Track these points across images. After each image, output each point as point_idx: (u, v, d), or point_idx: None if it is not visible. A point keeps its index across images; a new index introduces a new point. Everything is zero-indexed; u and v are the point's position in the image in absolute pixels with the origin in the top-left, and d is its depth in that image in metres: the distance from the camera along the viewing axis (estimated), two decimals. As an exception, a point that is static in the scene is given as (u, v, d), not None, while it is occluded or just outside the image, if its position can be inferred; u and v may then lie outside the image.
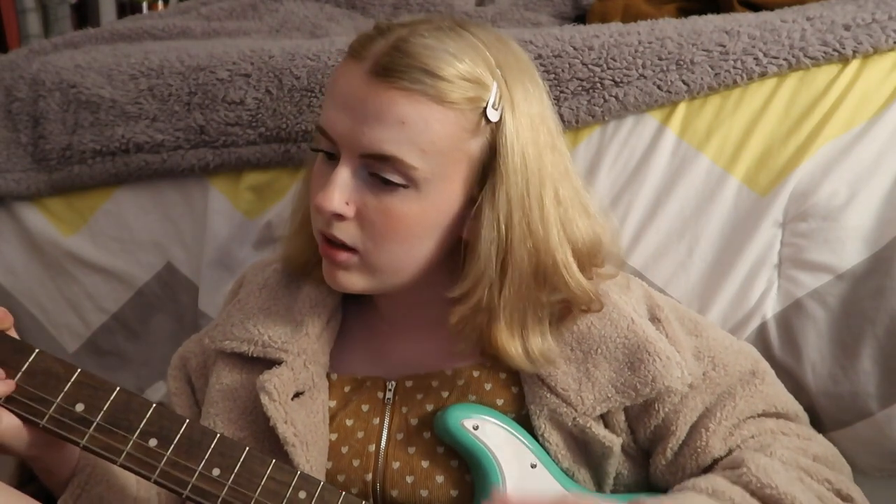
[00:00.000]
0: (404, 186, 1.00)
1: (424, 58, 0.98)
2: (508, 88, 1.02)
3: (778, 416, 1.11)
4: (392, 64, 0.98)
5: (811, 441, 1.10)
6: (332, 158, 1.03)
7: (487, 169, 1.02)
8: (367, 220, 1.01)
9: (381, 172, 0.99)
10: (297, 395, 1.08)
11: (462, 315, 1.05)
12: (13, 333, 0.97)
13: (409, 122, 0.98)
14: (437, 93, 0.98)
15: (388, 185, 1.00)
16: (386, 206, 1.00)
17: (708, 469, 1.06)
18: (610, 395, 1.04)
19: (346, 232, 1.02)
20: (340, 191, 1.00)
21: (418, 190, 1.00)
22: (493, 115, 1.00)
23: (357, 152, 1.00)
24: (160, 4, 2.95)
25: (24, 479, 1.07)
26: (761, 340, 1.24)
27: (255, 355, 1.11)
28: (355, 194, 1.01)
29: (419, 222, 1.02)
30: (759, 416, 1.10)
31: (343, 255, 1.03)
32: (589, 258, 1.09)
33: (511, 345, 1.04)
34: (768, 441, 1.06)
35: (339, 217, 1.01)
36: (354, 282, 1.05)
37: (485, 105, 1.00)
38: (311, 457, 1.04)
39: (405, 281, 1.06)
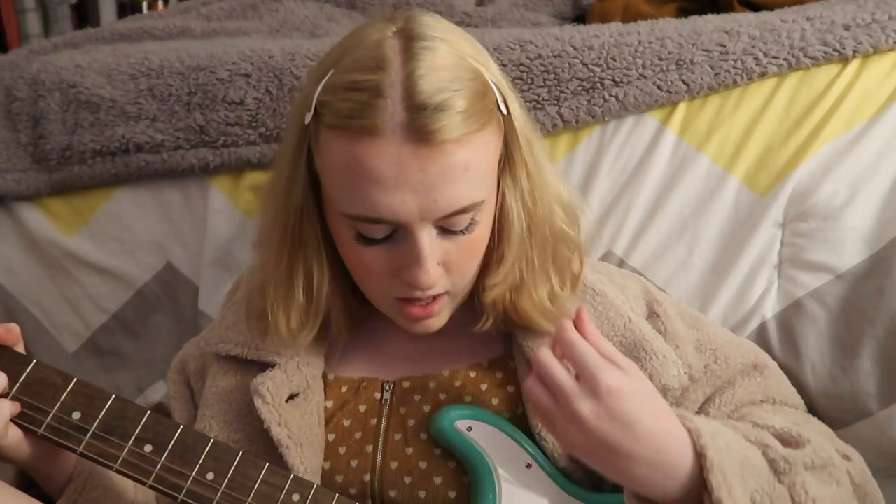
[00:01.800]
0: (477, 222, 1.00)
1: (445, 101, 0.93)
2: (486, 68, 1.01)
3: (775, 404, 1.12)
4: (424, 124, 0.92)
5: (808, 420, 1.12)
6: (379, 241, 1.00)
7: (503, 157, 1.03)
8: (454, 265, 1.02)
9: (457, 221, 0.98)
10: (291, 396, 1.09)
11: (497, 295, 1.06)
12: (20, 348, 0.98)
13: (472, 166, 0.95)
14: (473, 124, 0.95)
15: (465, 230, 1.00)
16: (467, 245, 1.01)
17: None
18: None
19: (440, 285, 1.02)
20: (432, 261, 0.98)
21: (483, 212, 1.01)
22: (504, 108, 1.01)
23: (433, 219, 0.96)
24: (160, 4, 2.94)
25: (25, 485, 1.07)
26: (761, 340, 1.24)
27: (248, 358, 1.12)
28: (439, 253, 1.00)
29: (487, 235, 1.04)
30: (758, 403, 1.11)
31: (436, 305, 1.04)
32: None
33: (533, 308, 1.07)
34: (751, 409, 1.08)
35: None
36: (441, 320, 1.07)
37: (496, 104, 1.00)
38: (305, 458, 1.04)
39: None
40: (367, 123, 0.93)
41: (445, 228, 0.99)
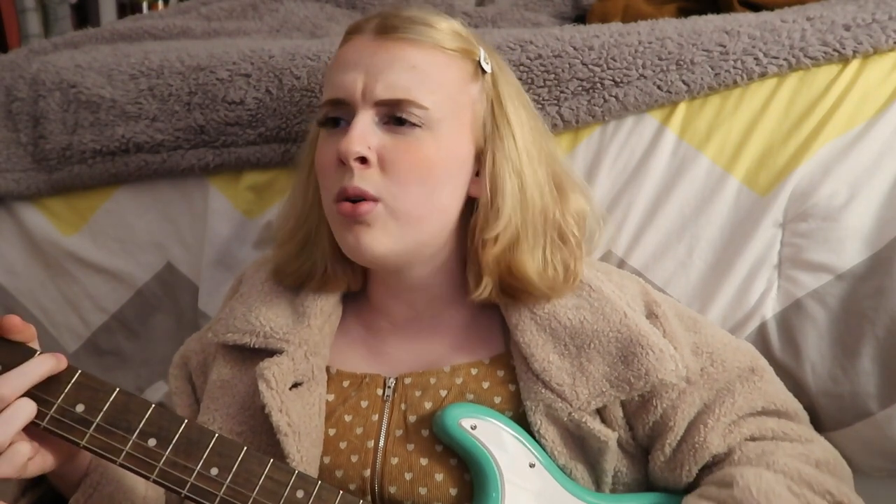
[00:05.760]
0: (419, 127, 1.06)
1: (421, 16, 1.10)
2: (490, 55, 1.15)
3: (778, 414, 1.11)
4: (395, 22, 1.09)
5: (813, 445, 1.10)
6: (338, 126, 1.09)
7: (489, 125, 1.12)
8: (389, 164, 1.05)
9: (397, 117, 1.06)
10: (295, 385, 1.09)
11: (496, 254, 1.09)
12: (35, 344, 0.97)
13: (419, 66, 1.07)
14: (437, 42, 1.09)
15: (405, 128, 1.05)
16: (405, 146, 1.05)
17: (706, 466, 1.07)
18: (604, 390, 1.05)
19: (369, 180, 1.05)
20: (361, 134, 1.05)
21: (432, 131, 1.06)
22: (486, 67, 1.12)
23: (373, 101, 1.06)
24: (160, 4, 2.95)
25: (32, 481, 1.07)
26: (761, 340, 1.24)
27: (256, 346, 1.12)
28: (375, 139, 1.06)
29: (437, 163, 1.07)
30: (759, 413, 1.10)
31: (366, 206, 1.05)
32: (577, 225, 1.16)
33: (531, 266, 1.09)
34: (770, 448, 1.06)
35: (363, 162, 1.05)
36: (378, 239, 1.06)
37: (478, 58, 1.12)
38: (302, 447, 1.04)
39: (426, 239, 1.09)
40: (354, 27, 1.12)
41: (387, 123, 1.06)
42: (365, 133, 1.05)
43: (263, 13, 1.81)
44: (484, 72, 1.12)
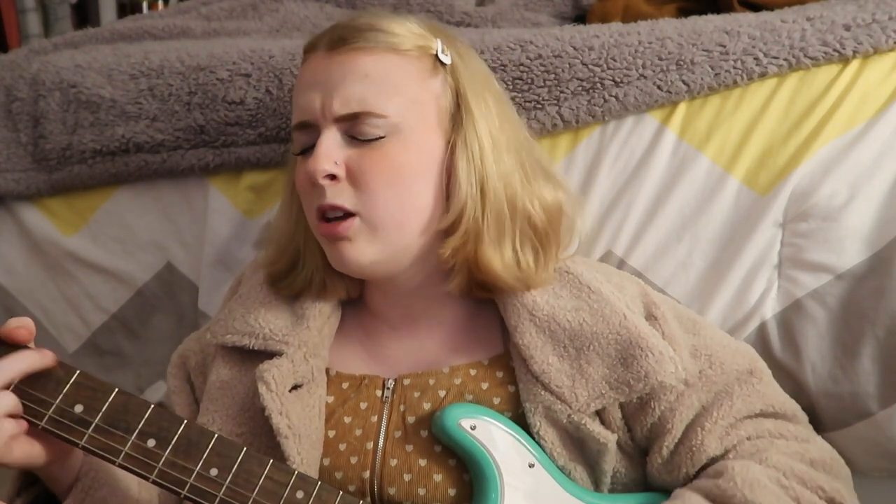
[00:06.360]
0: (382, 137, 1.06)
1: (372, 22, 1.10)
2: (449, 45, 1.14)
3: (776, 416, 1.11)
4: (345, 33, 1.09)
5: (809, 444, 1.09)
6: (310, 150, 1.09)
7: (456, 116, 1.11)
8: (358, 176, 1.06)
9: (359, 129, 1.06)
10: (294, 387, 1.09)
11: (454, 246, 1.08)
12: (31, 346, 0.97)
13: (372, 74, 1.07)
14: (390, 45, 1.08)
15: (369, 140, 1.06)
16: (372, 156, 1.06)
17: (703, 468, 1.07)
18: (604, 392, 1.05)
19: (342, 195, 1.06)
20: (327, 152, 1.06)
21: (397, 136, 1.06)
22: (445, 59, 1.11)
23: (332, 117, 1.06)
24: (160, 4, 2.95)
25: (27, 482, 1.07)
26: (761, 340, 1.24)
27: (255, 348, 1.12)
28: (341, 154, 1.06)
29: (407, 167, 1.07)
30: (757, 415, 1.10)
31: (344, 223, 1.06)
32: (549, 215, 1.14)
33: (496, 260, 1.08)
34: (764, 445, 1.06)
35: (333, 178, 1.06)
36: (362, 251, 1.07)
37: (434, 52, 1.11)
38: (302, 449, 1.04)
39: (409, 242, 1.09)
40: (308, 45, 1.13)
41: (351, 136, 1.07)
42: (330, 150, 1.06)
43: (263, 13, 1.81)
44: (443, 64, 1.12)
